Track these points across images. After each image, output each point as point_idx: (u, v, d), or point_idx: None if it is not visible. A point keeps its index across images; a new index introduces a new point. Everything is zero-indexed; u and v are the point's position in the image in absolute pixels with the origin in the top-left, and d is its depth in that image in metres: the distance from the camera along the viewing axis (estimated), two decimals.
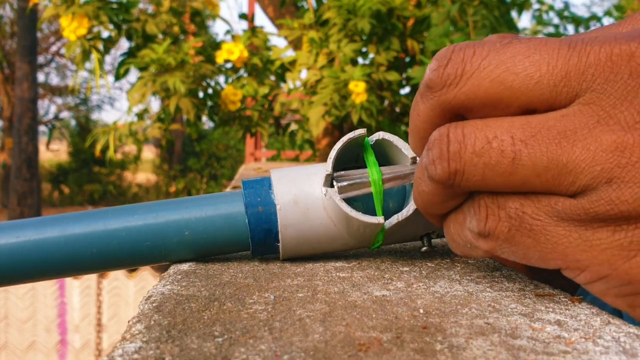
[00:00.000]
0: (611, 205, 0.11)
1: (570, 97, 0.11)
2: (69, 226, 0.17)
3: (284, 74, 1.03)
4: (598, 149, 0.11)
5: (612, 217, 0.11)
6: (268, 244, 0.18)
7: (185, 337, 0.12)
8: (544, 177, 0.11)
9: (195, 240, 0.17)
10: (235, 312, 0.13)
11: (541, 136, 0.11)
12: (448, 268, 0.18)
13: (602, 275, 0.11)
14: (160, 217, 0.17)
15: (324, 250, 0.18)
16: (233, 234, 0.18)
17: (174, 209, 0.17)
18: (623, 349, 0.11)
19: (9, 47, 6.57)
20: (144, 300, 0.14)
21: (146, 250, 0.17)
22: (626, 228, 0.11)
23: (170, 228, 0.17)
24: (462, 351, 0.11)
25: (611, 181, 0.11)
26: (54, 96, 7.64)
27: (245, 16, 1.18)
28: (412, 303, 0.14)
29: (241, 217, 0.18)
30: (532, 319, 0.13)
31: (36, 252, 0.17)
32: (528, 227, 0.12)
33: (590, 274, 0.12)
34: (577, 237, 0.11)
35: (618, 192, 0.11)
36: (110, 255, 0.17)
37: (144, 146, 1.02)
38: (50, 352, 1.41)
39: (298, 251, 0.18)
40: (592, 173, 0.11)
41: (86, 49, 0.91)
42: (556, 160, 0.11)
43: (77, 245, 0.17)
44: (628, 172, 0.11)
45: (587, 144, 0.11)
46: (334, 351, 0.11)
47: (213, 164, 6.94)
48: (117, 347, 0.11)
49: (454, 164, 0.12)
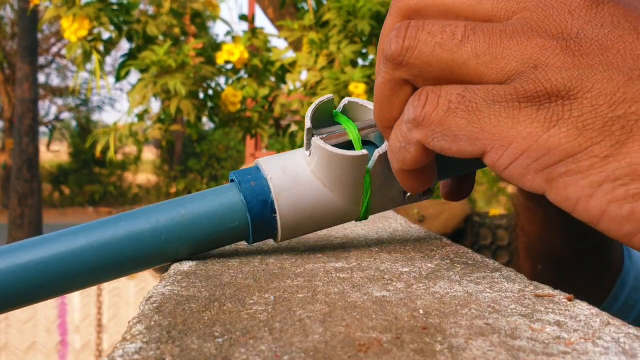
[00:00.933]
0: (536, 84, 0.13)
1: (508, 14, 0.14)
2: (92, 235, 0.17)
3: (284, 75, 1.03)
4: (528, 45, 0.13)
5: (537, 94, 0.13)
6: (266, 217, 0.18)
7: (185, 338, 0.12)
8: (482, 59, 0.13)
9: (194, 232, 0.17)
10: (236, 312, 0.13)
11: (487, 29, 0.14)
12: (448, 269, 0.18)
13: (523, 149, 0.13)
14: (160, 220, 0.17)
15: (320, 219, 0.18)
16: (230, 217, 0.18)
17: (171, 209, 0.18)
18: (622, 349, 0.11)
19: (10, 48, 6.59)
20: (144, 301, 0.14)
21: (150, 251, 0.17)
22: (547, 105, 0.13)
23: (172, 226, 0.17)
24: (462, 351, 0.11)
25: (536, 66, 0.13)
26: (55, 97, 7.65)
27: (246, 17, 1.18)
28: (412, 304, 0.14)
29: (236, 197, 0.18)
30: (531, 320, 0.13)
31: (66, 264, 0.17)
32: (464, 109, 0.13)
33: (512, 151, 0.13)
34: (505, 116, 0.13)
35: (542, 73, 0.13)
36: (116, 263, 0.17)
37: (144, 147, 1.02)
38: (51, 352, 1.41)
39: (296, 222, 0.18)
40: (521, 60, 0.13)
41: (87, 50, 0.91)
42: (494, 47, 0.13)
43: (102, 252, 0.17)
44: (549, 59, 0.13)
45: (521, 41, 0.13)
46: (333, 351, 0.11)
47: (213, 164, 6.94)
48: (118, 347, 0.11)
49: (407, 41, 0.14)
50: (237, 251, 0.20)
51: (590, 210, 0.12)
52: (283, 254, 0.20)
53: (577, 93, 0.12)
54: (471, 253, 0.20)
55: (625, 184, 0.12)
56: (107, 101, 8.33)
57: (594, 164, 0.12)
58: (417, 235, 0.24)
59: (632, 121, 0.12)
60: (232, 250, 0.21)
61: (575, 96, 0.12)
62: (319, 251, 0.20)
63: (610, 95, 0.12)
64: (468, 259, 0.19)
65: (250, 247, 0.21)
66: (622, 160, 0.12)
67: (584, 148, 0.12)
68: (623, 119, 0.12)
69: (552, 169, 0.13)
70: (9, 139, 5.90)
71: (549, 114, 0.13)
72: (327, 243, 0.22)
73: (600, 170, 0.12)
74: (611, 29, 0.13)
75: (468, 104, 0.13)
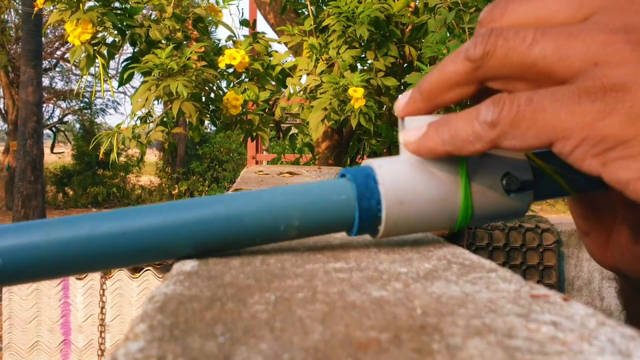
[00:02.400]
0: (595, 80, 0.14)
1: (582, 20, 0.15)
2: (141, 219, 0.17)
3: (285, 79, 1.04)
4: (592, 43, 0.15)
5: (594, 90, 0.14)
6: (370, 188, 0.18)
7: (187, 337, 0.12)
8: (549, 59, 0.15)
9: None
10: (237, 312, 0.13)
11: (555, 32, 0.15)
12: (445, 269, 0.18)
13: (582, 137, 0.14)
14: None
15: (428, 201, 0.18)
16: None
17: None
18: (618, 349, 0.11)
19: (14, 52, 6.63)
20: (147, 301, 0.15)
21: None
22: (601, 97, 0.14)
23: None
24: (459, 351, 0.11)
25: (597, 64, 0.14)
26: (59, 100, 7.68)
27: (247, 22, 1.19)
28: (410, 303, 0.14)
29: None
30: (527, 320, 0.13)
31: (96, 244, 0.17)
32: (532, 110, 0.15)
33: (574, 140, 0.14)
34: (566, 112, 0.14)
35: (601, 70, 0.14)
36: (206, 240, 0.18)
37: (147, 149, 1.02)
38: (54, 352, 1.42)
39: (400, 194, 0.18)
40: (584, 58, 0.15)
41: (90, 54, 0.92)
42: (560, 48, 0.15)
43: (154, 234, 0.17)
44: (609, 56, 0.14)
45: (585, 40, 0.15)
46: (333, 350, 0.11)
47: (215, 167, 6.94)
48: (121, 346, 0.11)
49: (488, 47, 0.16)
50: (238, 252, 0.21)
51: (639, 190, 0.14)
52: (284, 254, 0.20)
53: (631, 86, 0.14)
54: (468, 254, 0.21)
55: None
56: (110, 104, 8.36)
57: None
58: (414, 237, 0.24)
59: None
60: (234, 251, 0.21)
61: (629, 89, 0.14)
62: (318, 252, 0.21)
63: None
64: (465, 259, 0.20)
65: (250, 248, 0.21)
66: None
67: (635, 135, 0.14)
68: None
69: (606, 154, 0.14)
70: (13, 141, 5.93)
71: (603, 106, 0.14)
72: (326, 244, 0.22)
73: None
74: None
75: (536, 105, 0.15)
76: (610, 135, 0.14)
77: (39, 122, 4.33)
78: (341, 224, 0.19)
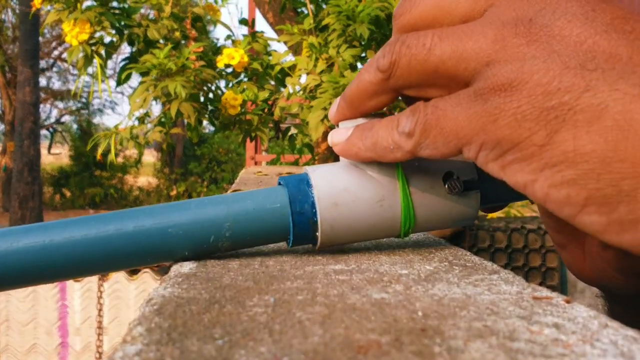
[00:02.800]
0: (486, 81, 0.14)
1: (481, 12, 0.15)
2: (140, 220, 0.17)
3: (284, 78, 1.03)
4: (483, 42, 0.14)
5: (485, 91, 0.14)
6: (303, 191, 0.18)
7: (185, 340, 0.12)
8: (448, 63, 0.15)
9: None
10: (236, 314, 0.13)
11: (452, 34, 0.15)
12: (446, 271, 0.18)
13: (481, 142, 0.14)
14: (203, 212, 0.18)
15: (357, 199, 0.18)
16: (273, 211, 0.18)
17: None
18: (620, 351, 0.11)
19: (11, 52, 6.61)
20: (144, 303, 0.14)
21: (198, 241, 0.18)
22: (492, 98, 0.14)
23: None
24: (461, 354, 0.11)
25: (488, 63, 0.14)
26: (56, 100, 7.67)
27: (246, 21, 1.19)
28: (411, 306, 0.14)
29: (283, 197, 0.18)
30: (530, 322, 0.13)
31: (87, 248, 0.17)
32: (436, 118, 0.15)
33: (475, 145, 0.14)
34: (464, 117, 0.14)
35: (492, 70, 0.14)
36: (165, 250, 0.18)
37: (145, 150, 1.02)
38: (51, 354, 1.41)
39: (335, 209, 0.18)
40: (477, 58, 0.14)
41: (88, 54, 0.91)
42: (456, 50, 0.14)
43: (148, 235, 0.17)
44: (498, 54, 0.14)
45: (478, 39, 0.14)
46: (333, 353, 0.11)
47: (214, 167, 6.94)
48: (118, 349, 0.11)
49: (394, 56, 0.16)
50: (237, 254, 0.21)
51: (536, 193, 0.14)
52: (283, 256, 0.20)
53: (517, 85, 0.13)
54: (469, 255, 0.20)
55: (561, 171, 0.13)
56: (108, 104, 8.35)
57: (535, 152, 0.13)
58: (415, 238, 0.24)
59: (564, 110, 0.13)
60: (232, 252, 0.21)
61: (516, 88, 0.13)
62: (318, 253, 0.21)
63: (545, 86, 0.13)
64: (466, 261, 0.19)
65: (250, 249, 0.21)
66: (556, 149, 0.13)
67: (525, 138, 0.13)
68: (557, 109, 0.13)
69: (503, 158, 0.14)
70: (10, 141, 5.92)
71: (492, 107, 0.14)
72: None
73: (540, 158, 0.13)
74: (562, 14, 0.13)
75: (439, 113, 0.15)
76: (503, 138, 0.13)
77: (36, 123, 4.32)
78: (277, 232, 0.18)
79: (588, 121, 0.12)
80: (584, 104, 0.12)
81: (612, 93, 0.12)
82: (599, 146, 0.12)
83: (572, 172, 0.13)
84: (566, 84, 0.13)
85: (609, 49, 0.13)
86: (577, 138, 0.12)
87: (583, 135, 0.12)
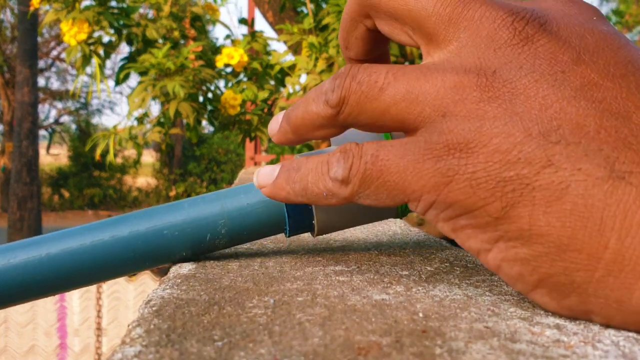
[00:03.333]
0: (441, 136, 0.13)
1: (446, 41, 0.14)
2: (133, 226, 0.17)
3: (284, 78, 1.03)
4: (441, 87, 0.13)
5: (439, 147, 0.13)
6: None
7: (184, 341, 0.12)
8: (400, 105, 0.13)
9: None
10: (235, 316, 0.13)
11: (408, 73, 0.13)
12: (447, 272, 0.18)
13: (431, 201, 0.13)
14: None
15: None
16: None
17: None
18: (622, 352, 0.11)
19: (10, 51, 6.60)
20: (143, 304, 0.14)
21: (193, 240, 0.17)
22: (445, 157, 0.12)
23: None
24: (462, 355, 0.11)
25: (445, 115, 0.13)
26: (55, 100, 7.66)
27: (245, 21, 1.18)
28: (412, 307, 0.14)
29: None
30: (531, 323, 0.13)
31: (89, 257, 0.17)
32: (379, 168, 0.13)
33: (424, 203, 0.13)
34: (412, 170, 0.13)
35: (447, 123, 0.13)
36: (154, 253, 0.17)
37: (144, 150, 1.02)
38: (50, 356, 1.41)
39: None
40: (433, 105, 0.13)
41: (87, 53, 0.91)
42: (411, 92, 0.13)
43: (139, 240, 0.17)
44: (457, 105, 0.12)
45: (436, 81, 0.13)
46: (333, 355, 0.11)
47: (213, 168, 6.94)
48: (117, 351, 0.11)
49: (344, 92, 0.14)
50: (236, 255, 0.20)
51: (489, 262, 0.13)
52: (283, 257, 0.20)
53: (474, 147, 0.12)
54: (470, 256, 0.20)
55: (515, 247, 0.12)
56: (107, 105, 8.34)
57: (489, 223, 0.12)
58: (416, 239, 0.24)
59: (522, 185, 0.12)
60: (232, 253, 0.21)
61: (472, 150, 0.12)
62: (318, 254, 0.20)
63: (505, 154, 0.12)
64: (467, 262, 0.19)
65: (249, 250, 0.21)
66: (512, 224, 0.12)
67: (479, 207, 0.12)
68: (515, 182, 0.12)
69: (455, 221, 0.13)
70: (8, 142, 5.91)
71: (446, 168, 0.12)
72: (326, 246, 0.22)
73: (495, 229, 0.12)
74: (529, 72, 0.12)
75: (382, 165, 0.13)
76: (456, 202, 0.12)
77: (34, 123, 4.31)
78: (273, 224, 0.18)
79: (547, 200, 0.11)
80: (544, 181, 0.11)
81: (575, 173, 0.11)
82: (556, 230, 0.11)
83: (526, 250, 0.12)
84: (526, 154, 0.11)
85: (575, 118, 0.11)
86: (533, 217, 0.11)
87: (540, 215, 0.11)
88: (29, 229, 3.91)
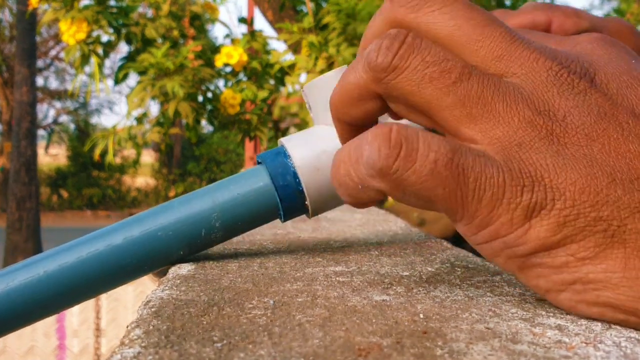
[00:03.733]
0: (521, 164, 0.12)
1: (498, 72, 0.13)
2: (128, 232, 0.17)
3: (283, 77, 1.03)
4: (515, 116, 0.12)
5: (521, 176, 0.12)
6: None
7: (184, 342, 0.12)
8: (468, 110, 0.12)
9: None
10: (235, 317, 0.13)
11: (483, 80, 0.12)
12: (448, 273, 0.18)
13: (502, 234, 0.12)
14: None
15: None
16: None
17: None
18: (624, 353, 0.11)
19: (8, 51, 6.59)
20: (142, 305, 0.14)
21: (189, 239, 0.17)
22: (531, 190, 0.12)
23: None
24: (463, 356, 0.11)
25: (521, 145, 0.12)
26: (53, 100, 7.65)
27: (245, 20, 1.18)
28: (412, 308, 0.14)
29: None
30: (532, 324, 0.13)
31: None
32: (451, 176, 0.11)
33: (489, 233, 0.12)
34: (489, 196, 0.12)
35: (527, 154, 0.12)
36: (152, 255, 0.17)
37: (143, 150, 1.02)
38: (49, 356, 1.40)
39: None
40: (506, 131, 0.12)
41: (85, 53, 0.91)
42: (484, 103, 0.12)
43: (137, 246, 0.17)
44: (535, 142, 0.12)
45: (511, 107, 0.12)
46: (333, 356, 0.11)
47: (212, 167, 6.94)
48: (116, 352, 0.11)
49: (397, 60, 0.12)
50: (236, 255, 0.20)
51: (560, 302, 0.13)
52: (282, 257, 0.20)
53: (560, 183, 0.11)
54: (472, 257, 0.20)
55: (597, 290, 0.12)
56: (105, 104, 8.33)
57: (569, 262, 0.12)
58: (417, 239, 0.24)
59: (614, 226, 0.11)
60: (231, 254, 0.21)
61: (558, 187, 0.11)
62: (318, 255, 0.20)
63: (594, 195, 0.11)
64: (469, 262, 0.19)
65: (249, 250, 0.21)
66: (598, 265, 0.11)
67: (562, 245, 0.12)
68: (606, 222, 0.11)
69: (526, 259, 0.12)
70: (7, 142, 5.89)
71: (532, 201, 0.11)
72: (326, 247, 0.22)
73: (575, 270, 0.12)
74: (597, 119, 0.12)
75: (460, 172, 0.11)
76: (535, 239, 0.11)
77: (33, 123, 4.30)
78: (266, 211, 0.18)
79: (639, 244, 0.11)
80: (634, 225, 0.11)
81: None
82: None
83: (609, 294, 0.11)
84: (615, 198, 0.11)
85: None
86: (628, 260, 0.11)
87: (635, 259, 0.11)
88: (28, 229, 3.91)
